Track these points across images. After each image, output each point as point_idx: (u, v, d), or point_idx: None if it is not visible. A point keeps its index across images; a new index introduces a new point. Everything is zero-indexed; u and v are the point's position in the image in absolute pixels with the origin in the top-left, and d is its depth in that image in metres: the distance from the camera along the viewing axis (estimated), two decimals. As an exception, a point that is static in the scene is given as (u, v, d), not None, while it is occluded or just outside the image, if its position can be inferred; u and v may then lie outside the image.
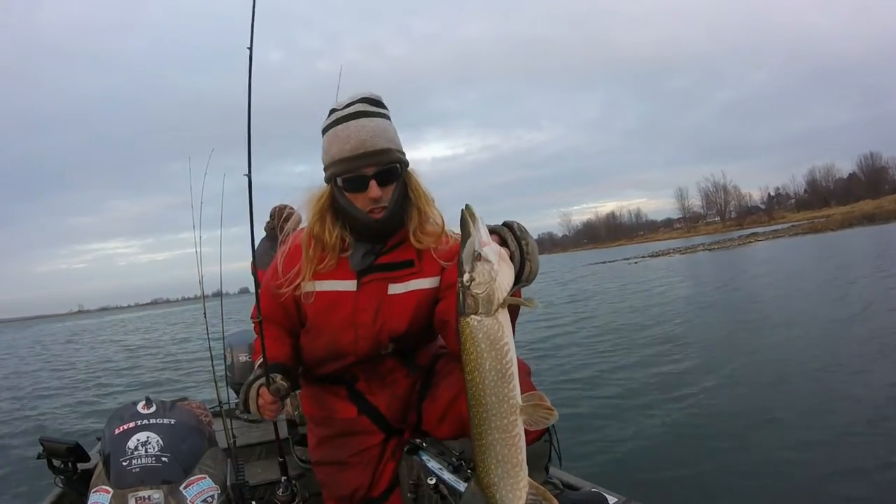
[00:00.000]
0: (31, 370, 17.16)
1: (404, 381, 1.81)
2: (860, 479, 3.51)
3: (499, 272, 1.12)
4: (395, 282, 1.68)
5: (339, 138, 1.57)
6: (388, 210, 1.60)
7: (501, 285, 1.12)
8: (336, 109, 1.63)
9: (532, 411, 1.13)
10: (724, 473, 3.87)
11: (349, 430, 1.82)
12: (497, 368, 1.11)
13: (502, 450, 1.14)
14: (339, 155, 1.57)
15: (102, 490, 1.77)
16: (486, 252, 1.12)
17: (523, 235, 1.27)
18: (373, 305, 1.67)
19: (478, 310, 1.10)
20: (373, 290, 1.67)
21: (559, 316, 14.14)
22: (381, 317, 1.68)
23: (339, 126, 1.59)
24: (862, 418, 4.43)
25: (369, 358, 1.74)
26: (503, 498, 1.18)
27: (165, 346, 19.80)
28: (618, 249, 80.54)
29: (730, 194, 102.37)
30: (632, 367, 7.50)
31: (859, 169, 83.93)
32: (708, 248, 45.30)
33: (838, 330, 8.05)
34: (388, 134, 1.61)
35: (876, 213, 48.95)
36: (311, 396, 1.92)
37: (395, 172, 1.61)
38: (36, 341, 34.43)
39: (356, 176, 1.57)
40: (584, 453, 4.41)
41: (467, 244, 1.13)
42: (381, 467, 1.85)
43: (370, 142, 1.56)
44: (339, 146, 1.57)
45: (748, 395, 5.54)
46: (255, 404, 1.68)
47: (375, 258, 1.67)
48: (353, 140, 1.55)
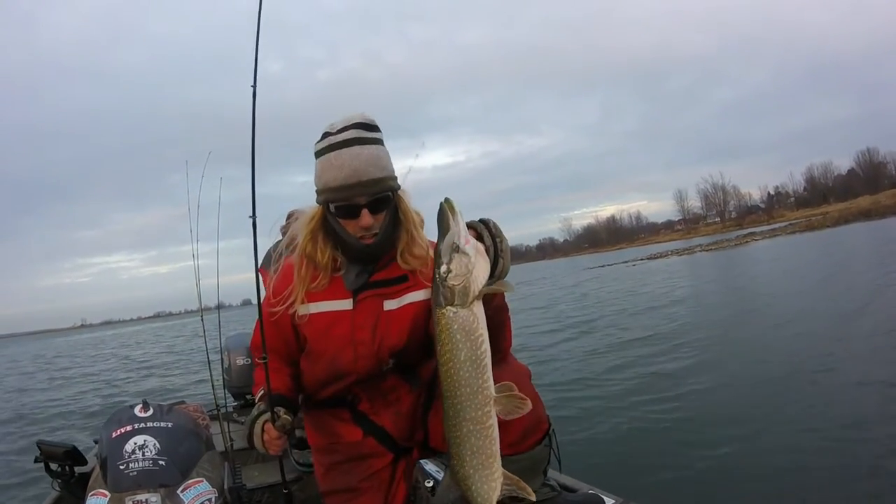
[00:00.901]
0: (31, 373, 17.17)
1: (407, 398, 1.79)
2: (860, 479, 3.49)
3: (475, 265, 1.14)
4: (390, 297, 1.69)
5: (333, 166, 1.57)
6: (378, 237, 1.62)
7: (477, 278, 1.14)
8: (330, 133, 1.61)
9: (506, 402, 1.15)
10: (722, 474, 3.85)
11: (357, 455, 1.79)
12: (472, 359, 1.12)
13: (476, 441, 1.15)
14: (332, 183, 1.57)
15: (100, 494, 1.77)
16: (463, 245, 1.14)
17: (498, 233, 1.30)
18: (370, 322, 1.67)
19: (454, 301, 1.12)
20: (369, 307, 1.68)
21: (556, 318, 14.16)
22: (378, 333, 1.68)
23: (333, 153, 1.58)
24: (863, 418, 4.40)
25: (370, 376, 1.73)
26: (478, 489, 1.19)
27: (164, 356, 19.78)
28: (618, 253, 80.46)
29: (729, 195, 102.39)
30: (629, 367, 7.47)
31: (857, 165, 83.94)
32: (705, 248, 45.12)
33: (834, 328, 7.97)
34: (382, 162, 1.60)
35: (872, 208, 48.86)
36: (313, 424, 1.89)
37: (387, 200, 1.62)
38: (38, 355, 34.42)
39: (349, 205, 1.58)
40: (580, 455, 4.39)
41: (446, 237, 1.14)
42: (393, 489, 1.82)
43: (364, 171, 1.55)
44: (333, 174, 1.56)
45: (747, 396, 5.50)
46: (260, 440, 1.65)
47: (369, 276, 1.68)
48: (346, 169, 1.55)
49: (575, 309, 16.26)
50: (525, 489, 1.26)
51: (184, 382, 11.03)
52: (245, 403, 4.15)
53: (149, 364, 16.87)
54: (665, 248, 57.67)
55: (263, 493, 2.80)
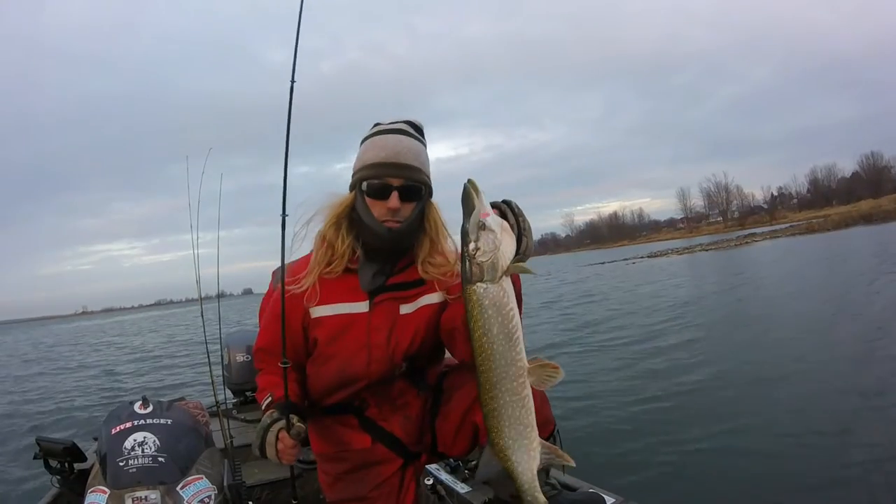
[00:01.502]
0: (30, 370, 17.18)
1: (416, 402, 1.78)
2: (859, 481, 3.49)
3: (502, 241, 1.16)
4: (406, 302, 1.68)
5: (376, 146, 1.62)
6: (403, 224, 1.62)
7: (505, 253, 1.16)
8: (380, 124, 1.70)
9: (539, 371, 1.17)
10: (723, 473, 3.85)
11: (366, 462, 1.77)
12: (504, 333, 1.14)
13: (514, 412, 1.17)
14: (371, 160, 1.61)
15: (99, 490, 1.76)
16: (489, 222, 1.16)
17: (520, 212, 1.33)
18: (386, 325, 1.66)
19: (483, 277, 1.14)
20: (385, 310, 1.67)
21: (558, 315, 14.18)
22: (394, 337, 1.67)
23: (379, 136, 1.65)
24: (865, 419, 4.41)
25: (382, 381, 1.71)
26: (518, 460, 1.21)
27: (163, 347, 19.80)
28: (619, 250, 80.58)
29: (732, 194, 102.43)
30: (629, 366, 7.48)
31: (861, 168, 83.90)
32: (705, 248, 45.49)
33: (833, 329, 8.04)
34: (422, 157, 1.66)
35: (873, 212, 49.08)
36: (319, 432, 1.85)
37: (418, 192, 1.64)
38: (37, 342, 34.46)
39: (382, 184, 1.60)
40: (581, 453, 4.38)
41: (473, 214, 1.16)
42: (402, 496, 1.80)
43: (403, 155, 1.60)
44: (374, 152, 1.62)
45: (747, 396, 5.52)
46: (273, 449, 1.59)
47: (386, 279, 1.67)
48: (388, 149, 1.60)
49: (575, 306, 16.27)
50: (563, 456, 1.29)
51: (183, 378, 11.04)
52: (245, 400, 4.15)
53: (149, 357, 16.89)
54: (666, 247, 57.97)
55: (263, 489, 2.80)
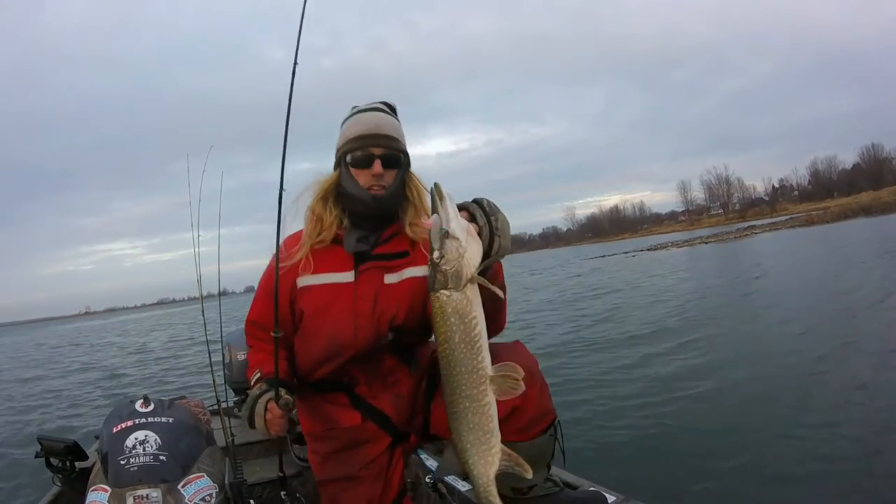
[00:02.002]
0: (31, 369, 17.22)
1: (406, 381, 1.81)
2: (861, 479, 3.49)
3: (467, 249, 1.15)
4: (391, 272, 1.75)
5: (357, 121, 1.76)
6: (386, 191, 1.73)
7: (469, 261, 1.15)
8: (357, 106, 1.83)
9: (501, 381, 1.17)
10: (723, 472, 3.84)
11: (355, 441, 1.80)
12: (466, 341, 1.15)
13: (473, 417, 1.19)
14: (353, 134, 1.74)
15: (100, 489, 1.76)
16: (453, 229, 1.14)
17: (493, 211, 1.32)
18: (371, 294, 1.72)
19: (447, 285, 1.14)
20: (370, 278, 1.73)
21: (559, 312, 14.20)
22: (379, 305, 1.72)
23: (359, 114, 1.79)
24: (871, 417, 4.40)
25: (369, 351, 1.74)
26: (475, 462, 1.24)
27: (165, 346, 19.83)
28: (621, 243, 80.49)
29: (733, 187, 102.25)
30: (630, 365, 7.46)
31: (862, 160, 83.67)
32: (705, 240, 45.60)
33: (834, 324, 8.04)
34: (399, 130, 1.80)
35: (873, 204, 49.30)
36: (309, 411, 1.90)
37: (398, 160, 1.77)
38: (39, 343, 34.53)
39: (365, 154, 1.72)
40: (583, 451, 4.40)
41: (435, 222, 1.16)
42: (390, 475, 1.83)
43: (383, 127, 1.75)
44: (357, 127, 1.75)
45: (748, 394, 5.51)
46: (262, 420, 1.68)
47: (371, 248, 1.74)
48: (368, 123, 1.75)
49: (577, 301, 16.28)
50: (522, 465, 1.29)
51: (185, 377, 11.06)
52: (246, 398, 4.15)
53: (150, 356, 16.92)
54: (666, 240, 58.34)
55: (264, 488, 2.81)
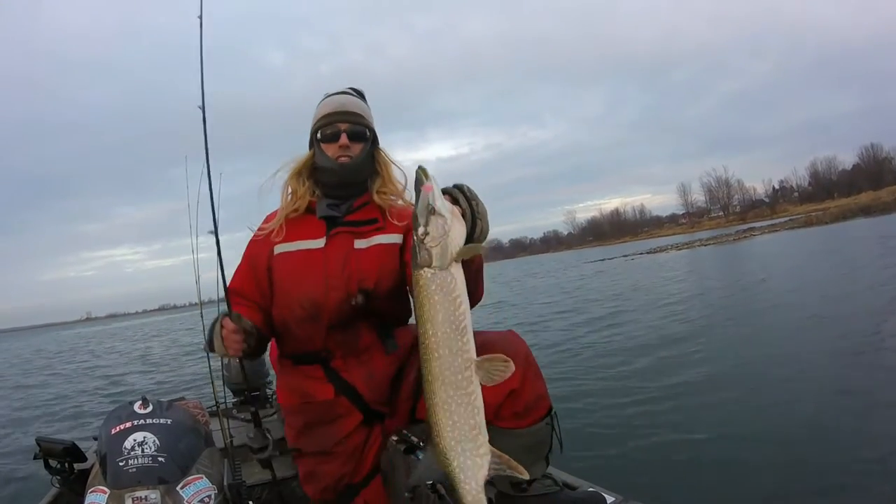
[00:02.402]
0: (30, 371, 17.20)
1: (381, 360, 1.89)
2: (860, 479, 3.49)
3: (451, 227, 1.13)
4: (361, 237, 1.87)
5: (325, 104, 1.95)
6: (352, 160, 1.89)
7: (454, 240, 1.13)
8: (328, 93, 2.01)
9: (488, 366, 1.09)
10: (723, 473, 3.85)
11: (329, 415, 1.87)
12: (450, 320, 1.09)
13: (458, 409, 1.08)
14: (321, 113, 1.93)
15: (99, 490, 1.76)
16: (439, 207, 1.13)
17: (474, 197, 1.33)
18: (340, 256, 1.84)
19: (432, 263, 1.11)
20: (339, 242, 1.86)
21: (559, 314, 14.18)
22: (348, 267, 1.82)
23: (328, 98, 1.98)
24: (870, 418, 4.40)
25: (342, 315, 1.82)
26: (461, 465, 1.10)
27: (165, 348, 19.84)
28: (621, 246, 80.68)
29: (733, 189, 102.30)
30: (630, 364, 7.49)
31: (861, 160, 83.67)
32: (704, 243, 46.02)
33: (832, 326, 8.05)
34: (365, 110, 1.97)
35: (872, 204, 49.56)
36: (286, 385, 2.00)
37: (363, 134, 1.93)
38: (38, 349, 34.54)
39: (332, 129, 1.89)
40: (582, 452, 4.40)
41: (421, 199, 1.14)
42: (364, 454, 1.90)
43: (348, 105, 1.93)
44: (324, 108, 1.94)
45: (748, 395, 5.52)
46: (219, 339, 1.76)
47: (343, 216, 1.89)
48: (335, 102, 1.94)
49: (578, 304, 16.30)
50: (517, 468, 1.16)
51: (183, 378, 11.06)
52: (245, 400, 4.15)
53: (150, 359, 16.92)
54: (665, 243, 58.73)
55: (263, 489, 2.81)
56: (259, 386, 4.20)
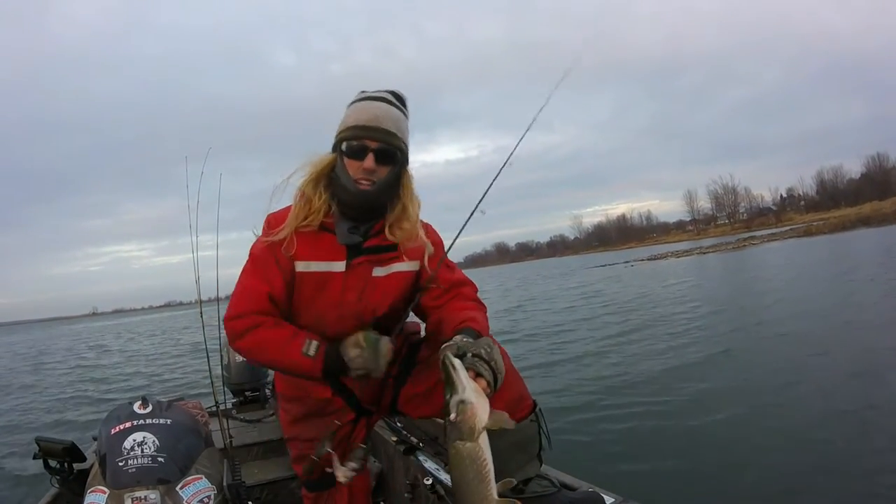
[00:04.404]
0: (29, 370, 17.24)
1: None
2: (858, 483, 3.49)
3: (478, 408, 1.35)
4: (380, 265, 1.77)
5: (359, 109, 1.72)
6: (375, 185, 1.70)
7: (481, 418, 1.35)
8: (366, 91, 1.78)
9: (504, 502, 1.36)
10: (722, 474, 3.87)
11: (324, 410, 1.88)
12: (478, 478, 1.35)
13: None
14: (352, 123, 1.70)
15: (99, 490, 1.76)
16: (467, 396, 1.36)
17: (490, 356, 1.50)
18: (359, 286, 1.75)
19: (462, 437, 1.34)
20: (360, 272, 1.76)
21: (558, 317, 14.30)
22: (364, 297, 1.76)
23: (364, 102, 1.74)
24: (867, 423, 4.40)
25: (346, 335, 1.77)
26: None
27: (165, 347, 19.89)
28: (626, 252, 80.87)
29: (740, 196, 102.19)
30: (629, 366, 7.55)
31: (867, 170, 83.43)
32: (703, 251, 46.52)
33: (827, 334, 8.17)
34: (401, 125, 1.74)
35: (872, 215, 49.93)
36: (284, 377, 1.97)
37: (394, 157, 1.72)
38: (42, 350, 34.69)
39: (360, 145, 1.68)
40: (581, 452, 4.42)
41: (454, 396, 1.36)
42: (352, 441, 1.92)
43: (383, 120, 1.69)
44: (357, 115, 1.71)
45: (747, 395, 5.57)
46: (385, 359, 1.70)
47: (363, 241, 1.75)
48: (369, 113, 1.70)
49: (575, 309, 16.40)
50: None
51: (183, 378, 11.08)
52: (245, 400, 4.16)
53: (150, 358, 16.97)
54: (665, 250, 59.77)
55: (263, 489, 2.81)
56: (259, 386, 4.21)
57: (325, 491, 1.95)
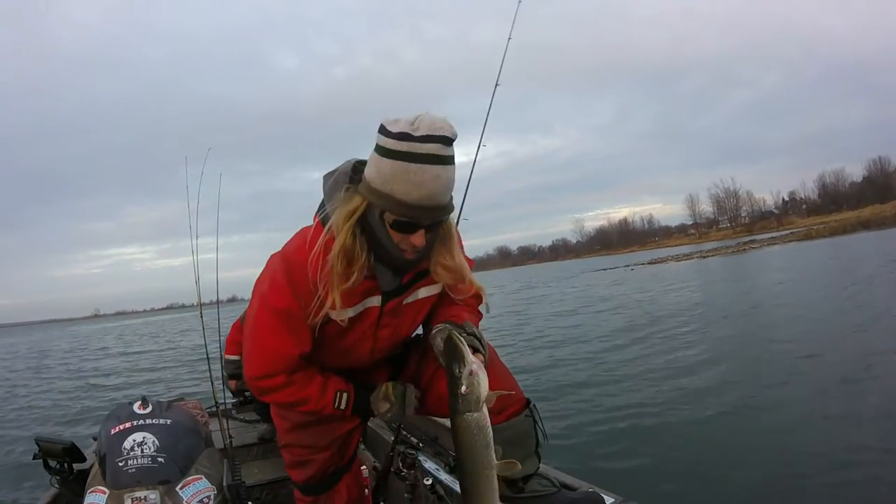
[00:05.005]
0: (29, 370, 17.24)
1: (384, 376, 1.87)
2: (856, 486, 3.48)
3: (483, 379, 1.46)
4: (409, 294, 1.67)
5: (411, 181, 1.39)
6: (419, 253, 1.53)
7: (485, 389, 1.46)
8: (410, 136, 1.39)
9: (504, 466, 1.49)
10: (722, 474, 3.87)
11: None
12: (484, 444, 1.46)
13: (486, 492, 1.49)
14: (404, 197, 1.41)
15: (98, 490, 1.77)
16: (475, 369, 1.46)
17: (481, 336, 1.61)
18: (394, 322, 1.69)
19: (470, 409, 1.45)
20: (394, 306, 1.65)
21: (559, 320, 14.29)
22: (398, 329, 1.73)
23: (414, 166, 1.38)
24: (866, 426, 4.39)
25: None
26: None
27: (165, 349, 19.90)
28: (628, 256, 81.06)
29: (741, 200, 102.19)
30: (628, 368, 7.57)
31: (868, 173, 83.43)
32: (703, 255, 46.71)
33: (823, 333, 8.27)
34: (452, 187, 1.49)
35: (872, 219, 50.19)
36: None
37: (442, 222, 1.55)
38: (39, 350, 34.75)
39: (411, 223, 1.46)
40: (581, 452, 4.43)
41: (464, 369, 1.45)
42: (348, 443, 1.94)
43: (439, 196, 1.43)
44: (407, 188, 1.40)
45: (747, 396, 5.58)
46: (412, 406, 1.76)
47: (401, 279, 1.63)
48: (424, 189, 1.40)
49: (576, 311, 16.44)
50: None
51: (183, 379, 11.09)
52: (244, 401, 4.16)
53: (150, 358, 16.98)
54: (665, 254, 60.33)
55: (262, 489, 2.81)
56: None
57: (322, 494, 1.94)
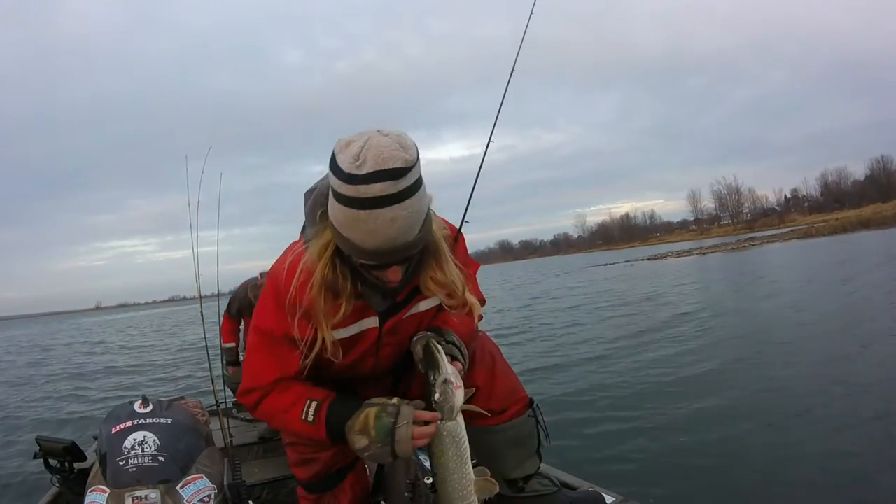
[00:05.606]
0: (29, 368, 17.25)
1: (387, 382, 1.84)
2: (857, 486, 3.48)
3: (457, 388, 1.46)
4: (407, 309, 1.63)
5: (363, 229, 1.29)
6: (402, 281, 1.46)
7: (459, 398, 1.46)
8: (355, 177, 1.24)
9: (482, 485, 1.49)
10: (722, 474, 3.86)
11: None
12: (458, 455, 1.46)
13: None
14: (361, 245, 1.32)
15: (99, 489, 1.77)
16: (450, 377, 1.45)
17: (461, 344, 1.58)
18: (395, 339, 1.66)
19: (443, 417, 1.45)
20: (393, 324, 1.62)
21: (557, 318, 14.27)
22: (400, 343, 1.67)
23: (363, 212, 1.26)
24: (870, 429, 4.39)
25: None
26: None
27: (165, 346, 19.90)
28: (629, 251, 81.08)
29: (743, 197, 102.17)
30: (629, 365, 7.56)
31: (871, 172, 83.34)
32: (703, 252, 46.80)
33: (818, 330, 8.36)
34: (418, 221, 1.33)
35: (872, 218, 50.22)
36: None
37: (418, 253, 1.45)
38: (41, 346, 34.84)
39: (379, 265, 1.39)
40: (581, 452, 4.43)
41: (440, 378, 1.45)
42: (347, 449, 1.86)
43: (400, 237, 1.30)
44: (362, 237, 1.30)
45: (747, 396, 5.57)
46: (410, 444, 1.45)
47: (394, 299, 1.58)
48: (380, 236, 1.29)
49: (575, 309, 16.40)
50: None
51: (184, 377, 11.10)
52: None
53: (150, 356, 17.00)
54: (665, 250, 59.91)
55: (263, 489, 2.81)
56: None
57: (326, 493, 1.91)
